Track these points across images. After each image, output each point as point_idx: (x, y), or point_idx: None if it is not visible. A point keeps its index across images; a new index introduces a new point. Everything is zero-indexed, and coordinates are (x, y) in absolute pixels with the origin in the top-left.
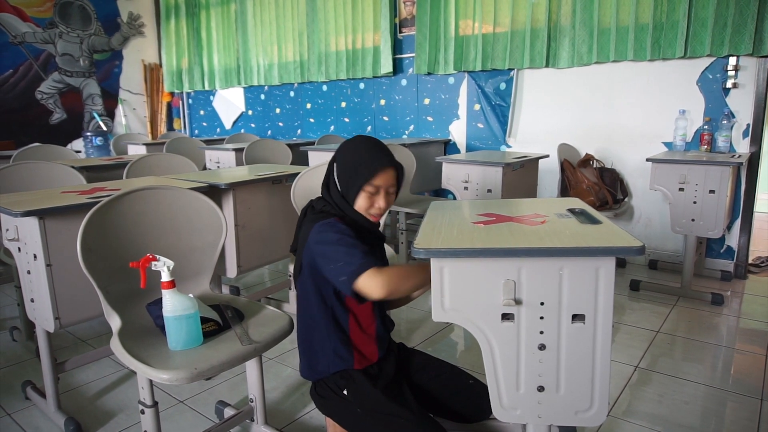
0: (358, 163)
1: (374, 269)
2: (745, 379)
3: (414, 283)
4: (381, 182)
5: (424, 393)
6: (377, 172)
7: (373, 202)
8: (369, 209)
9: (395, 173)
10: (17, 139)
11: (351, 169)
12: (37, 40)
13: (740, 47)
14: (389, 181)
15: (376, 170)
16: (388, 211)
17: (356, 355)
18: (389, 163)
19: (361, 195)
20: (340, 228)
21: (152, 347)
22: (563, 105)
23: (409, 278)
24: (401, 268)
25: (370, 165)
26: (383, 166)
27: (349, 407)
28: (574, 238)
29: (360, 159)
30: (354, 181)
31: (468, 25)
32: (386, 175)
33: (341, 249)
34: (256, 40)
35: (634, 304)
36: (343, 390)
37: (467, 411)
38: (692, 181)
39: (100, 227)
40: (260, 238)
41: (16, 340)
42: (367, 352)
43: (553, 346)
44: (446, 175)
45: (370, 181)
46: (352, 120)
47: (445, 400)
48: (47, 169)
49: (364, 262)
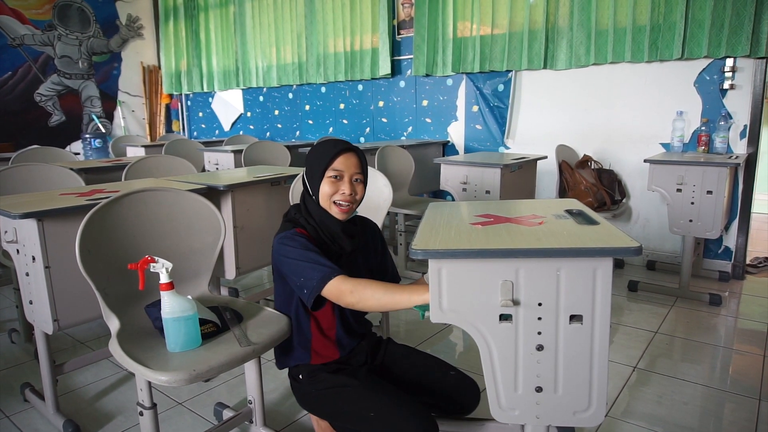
0: (320, 152)
1: (339, 278)
2: (743, 379)
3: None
4: (342, 166)
5: (404, 383)
6: (336, 155)
7: (337, 188)
8: (333, 196)
9: (357, 160)
10: (16, 141)
11: (314, 159)
12: (36, 42)
13: (737, 49)
14: (352, 168)
15: (335, 154)
16: (387, 213)
17: (313, 353)
18: (347, 148)
19: (324, 182)
20: (299, 241)
21: (151, 349)
22: (561, 106)
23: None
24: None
25: (329, 150)
26: (340, 150)
27: (307, 391)
28: (571, 239)
29: (321, 148)
30: (317, 169)
31: (466, 26)
32: (346, 159)
33: (302, 264)
34: (254, 42)
35: (632, 304)
36: (299, 375)
37: (451, 402)
38: (690, 182)
39: (98, 229)
40: (259, 239)
41: (15, 342)
42: (326, 353)
43: (551, 347)
44: (444, 177)
45: (330, 165)
46: (351, 122)
47: (426, 390)
48: (46, 171)
49: (325, 275)
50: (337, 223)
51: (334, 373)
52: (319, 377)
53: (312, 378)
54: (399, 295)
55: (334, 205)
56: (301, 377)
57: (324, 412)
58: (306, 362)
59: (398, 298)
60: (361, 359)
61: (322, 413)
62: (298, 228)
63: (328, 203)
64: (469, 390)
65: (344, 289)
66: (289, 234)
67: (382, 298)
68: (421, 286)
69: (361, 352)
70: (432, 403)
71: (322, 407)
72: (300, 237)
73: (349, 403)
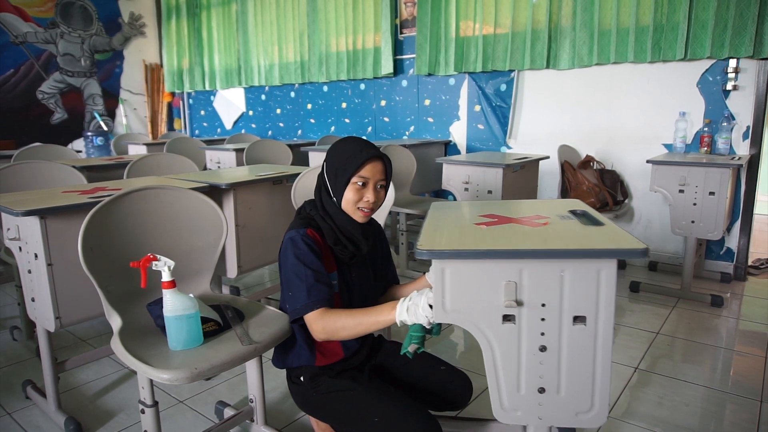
0: (347, 156)
1: (317, 313)
2: (744, 380)
3: (349, 335)
4: (369, 174)
5: (396, 380)
6: (365, 162)
7: (361, 195)
8: (357, 203)
9: (383, 167)
10: (18, 138)
11: (339, 162)
12: (39, 40)
13: (740, 49)
14: (378, 175)
15: (364, 160)
16: (389, 212)
17: (318, 354)
18: (377, 155)
19: (349, 188)
20: (301, 249)
21: (153, 347)
22: (564, 106)
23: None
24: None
25: (358, 155)
26: (371, 157)
27: (308, 393)
28: (576, 240)
29: (348, 151)
30: (342, 174)
31: (469, 26)
32: (374, 167)
33: (295, 280)
34: (256, 41)
35: (633, 305)
36: (300, 377)
37: (442, 396)
38: (692, 182)
39: (101, 227)
40: (260, 238)
41: (17, 340)
42: (330, 353)
43: (554, 348)
44: (446, 176)
45: (358, 172)
46: (353, 121)
47: (417, 386)
48: (48, 169)
49: (309, 303)
50: (358, 226)
51: (336, 376)
52: (321, 381)
53: (314, 382)
54: (366, 320)
55: (357, 210)
56: (302, 379)
57: (326, 416)
58: (310, 363)
59: (365, 325)
60: (360, 359)
61: (324, 417)
62: (309, 229)
63: (352, 209)
64: (461, 384)
65: (316, 328)
66: (298, 237)
67: (353, 328)
68: (385, 306)
69: (361, 351)
70: (423, 399)
71: (325, 411)
72: (306, 243)
73: (353, 407)
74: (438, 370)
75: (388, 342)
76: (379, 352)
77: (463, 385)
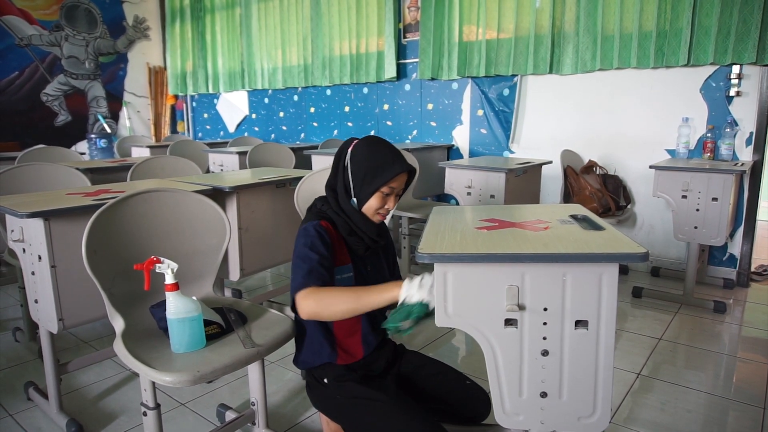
0: (378, 163)
1: (308, 290)
2: (747, 387)
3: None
4: (396, 184)
5: (419, 392)
6: (398, 173)
7: (384, 203)
8: (378, 209)
9: (407, 177)
10: (22, 140)
11: (370, 168)
12: (43, 42)
13: (744, 56)
14: (402, 185)
15: (397, 172)
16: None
17: (340, 351)
18: (408, 167)
19: (375, 195)
20: (311, 236)
21: (155, 349)
22: (566, 111)
23: (339, 304)
24: (335, 293)
25: (391, 167)
26: (403, 170)
27: (330, 395)
28: (577, 245)
29: (380, 159)
30: (372, 181)
31: (472, 30)
32: (402, 177)
33: (298, 263)
34: (260, 44)
35: (636, 311)
36: (324, 379)
37: (463, 411)
38: (695, 188)
39: (105, 229)
40: (263, 241)
41: (19, 341)
42: (351, 350)
43: (556, 352)
44: (449, 181)
45: (389, 183)
46: (356, 124)
47: (440, 399)
48: (52, 171)
49: (303, 282)
50: (375, 226)
51: (361, 382)
52: (346, 385)
53: (339, 383)
54: (366, 295)
55: (377, 214)
56: (326, 381)
57: (344, 420)
58: (332, 361)
59: (365, 300)
60: (381, 365)
61: (342, 420)
62: (323, 221)
63: (372, 213)
64: (482, 400)
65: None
66: (310, 226)
67: (350, 302)
68: (391, 284)
69: (381, 357)
70: (444, 410)
71: (345, 415)
72: (317, 231)
73: (377, 418)
74: (464, 385)
75: (410, 351)
76: (402, 360)
77: (484, 401)
